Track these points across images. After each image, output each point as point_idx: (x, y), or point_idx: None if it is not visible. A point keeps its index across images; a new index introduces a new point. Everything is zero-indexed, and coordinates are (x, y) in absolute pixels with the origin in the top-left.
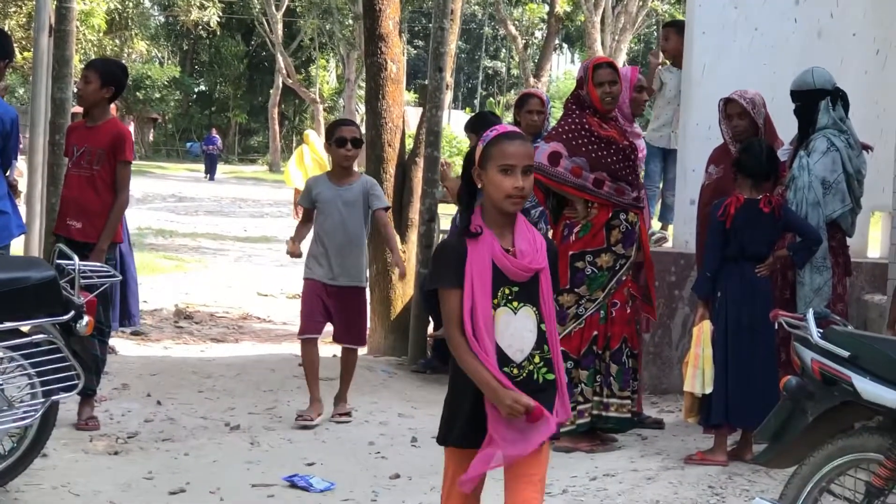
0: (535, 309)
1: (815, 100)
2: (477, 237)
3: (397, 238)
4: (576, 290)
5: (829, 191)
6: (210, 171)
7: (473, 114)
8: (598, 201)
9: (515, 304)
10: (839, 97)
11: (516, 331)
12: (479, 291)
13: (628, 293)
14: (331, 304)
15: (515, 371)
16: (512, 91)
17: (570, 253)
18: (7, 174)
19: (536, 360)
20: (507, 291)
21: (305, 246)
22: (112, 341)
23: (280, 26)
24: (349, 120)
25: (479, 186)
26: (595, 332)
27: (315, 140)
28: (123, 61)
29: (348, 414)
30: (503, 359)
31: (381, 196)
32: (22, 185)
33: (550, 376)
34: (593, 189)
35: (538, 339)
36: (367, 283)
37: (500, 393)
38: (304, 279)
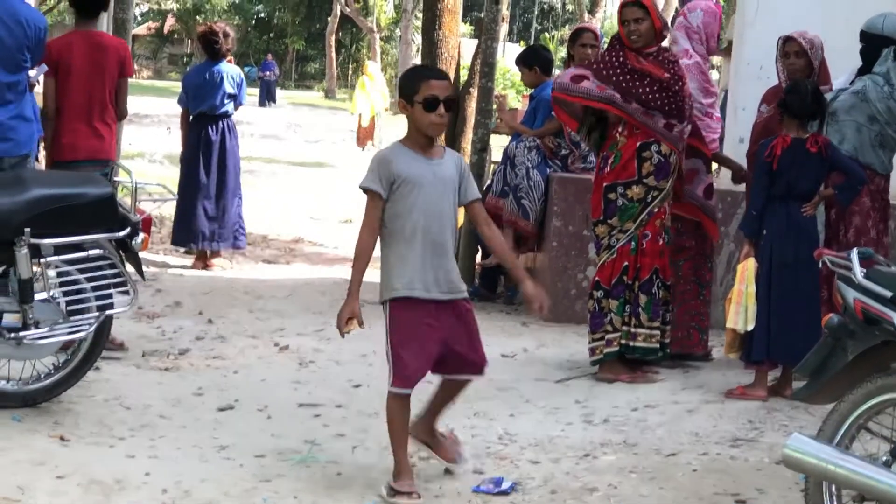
0: None
1: (880, 46)
2: None
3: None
4: (608, 221)
5: (832, 127)
6: (266, 97)
7: (524, 48)
8: (629, 122)
9: None
10: None
11: None
12: None
13: (661, 225)
14: (439, 326)
15: None
16: (566, 26)
17: (605, 184)
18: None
19: None
20: None
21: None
22: (169, 259)
23: None
24: (436, 68)
25: None
26: (625, 263)
27: (374, 71)
28: None
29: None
30: None
31: (474, 182)
32: None
33: None
34: (620, 103)
35: None
36: None
37: None
38: (393, 301)
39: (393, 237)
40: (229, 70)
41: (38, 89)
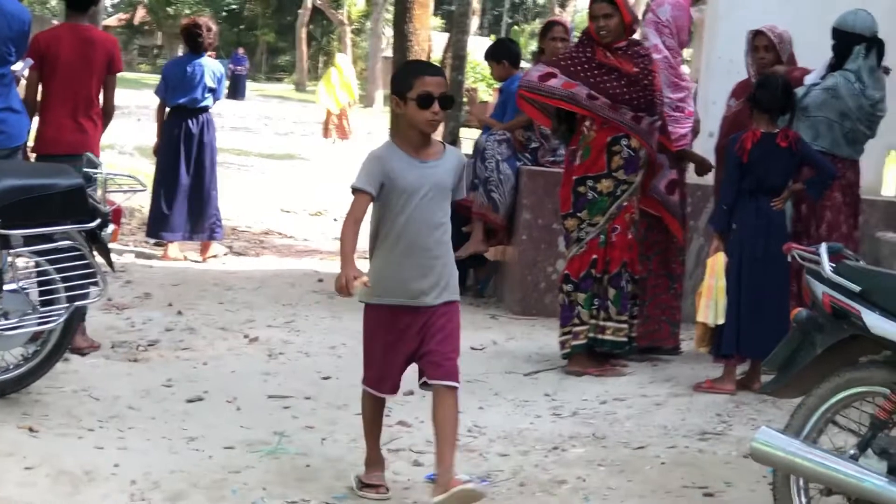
0: None
1: (851, 43)
2: None
3: None
4: (578, 214)
5: (804, 122)
6: (236, 91)
7: (492, 42)
8: (596, 119)
9: None
10: (876, 45)
11: None
12: None
13: (630, 219)
14: (414, 335)
15: None
16: (537, 20)
17: (574, 178)
18: (18, 68)
19: None
20: None
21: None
22: (139, 250)
23: None
24: (430, 64)
25: None
26: (594, 256)
27: (343, 63)
28: None
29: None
30: None
31: (464, 184)
32: None
33: None
34: (585, 103)
35: None
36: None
37: None
38: (369, 305)
39: (378, 240)
40: (210, 64)
41: (22, 83)
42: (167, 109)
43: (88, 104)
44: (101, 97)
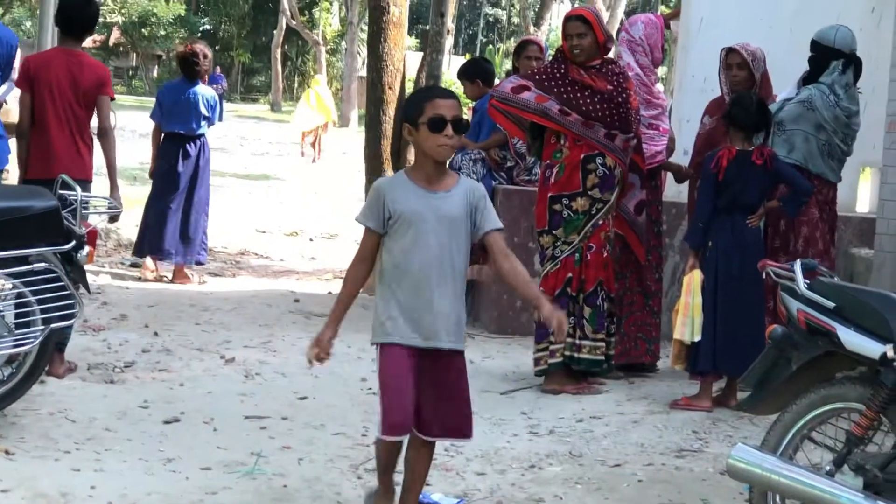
0: None
1: (829, 57)
2: None
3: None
4: (553, 231)
5: (779, 136)
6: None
7: (466, 61)
8: (569, 135)
9: None
10: (853, 63)
11: None
12: None
13: (605, 237)
14: (416, 378)
15: None
16: (512, 39)
17: (549, 195)
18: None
19: None
20: None
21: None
22: (115, 271)
23: None
24: (442, 88)
25: None
26: (569, 275)
27: (318, 86)
28: None
29: None
30: None
31: (493, 212)
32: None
33: None
34: (557, 117)
35: None
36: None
37: None
38: (382, 345)
39: (383, 275)
40: (204, 92)
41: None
42: (163, 135)
43: (81, 128)
44: (93, 121)
